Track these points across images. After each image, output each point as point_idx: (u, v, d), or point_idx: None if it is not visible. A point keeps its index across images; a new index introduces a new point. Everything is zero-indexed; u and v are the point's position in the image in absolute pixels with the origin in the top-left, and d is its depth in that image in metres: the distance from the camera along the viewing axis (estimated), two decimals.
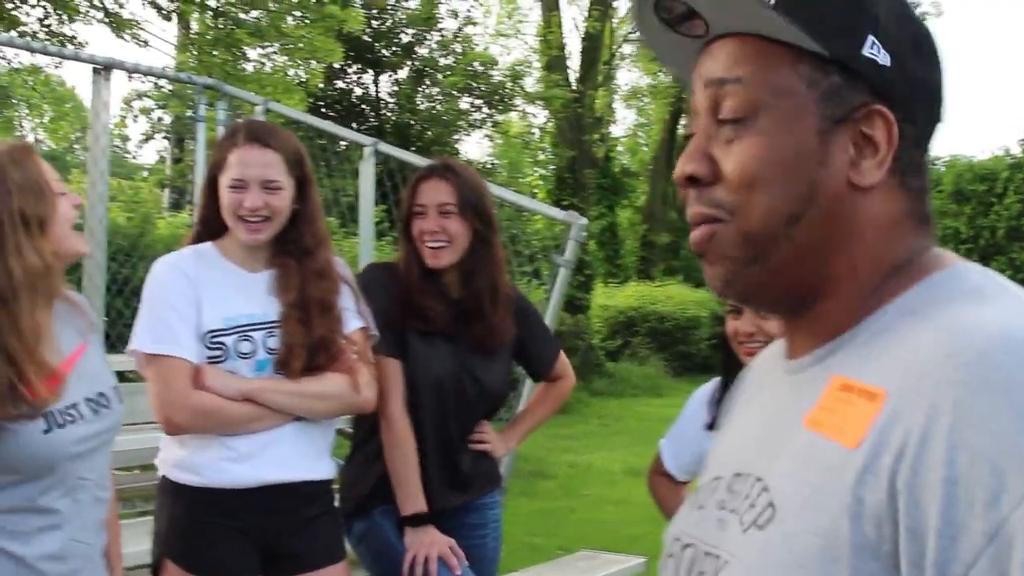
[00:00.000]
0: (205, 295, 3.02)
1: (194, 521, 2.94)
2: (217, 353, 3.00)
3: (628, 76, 51.57)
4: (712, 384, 3.28)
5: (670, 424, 3.46)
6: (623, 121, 50.37)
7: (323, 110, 24.69)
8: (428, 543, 3.30)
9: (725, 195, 1.10)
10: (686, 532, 1.19)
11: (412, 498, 3.34)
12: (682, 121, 31.45)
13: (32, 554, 2.49)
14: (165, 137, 27.25)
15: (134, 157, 36.09)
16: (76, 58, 6.51)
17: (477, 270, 3.44)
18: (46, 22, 15.49)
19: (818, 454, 1.00)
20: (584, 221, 5.12)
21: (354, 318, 3.18)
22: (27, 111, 33.03)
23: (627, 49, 31.86)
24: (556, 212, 5.36)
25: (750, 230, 1.09)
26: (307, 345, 3.04)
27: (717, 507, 1.14)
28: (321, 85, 21.39)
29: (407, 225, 3.45)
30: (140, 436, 4.28)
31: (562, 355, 3.82)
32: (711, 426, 3.12)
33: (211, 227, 3.16)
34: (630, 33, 30.38)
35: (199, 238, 3.19)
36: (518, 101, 29.64)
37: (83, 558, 2.56)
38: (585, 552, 6.10)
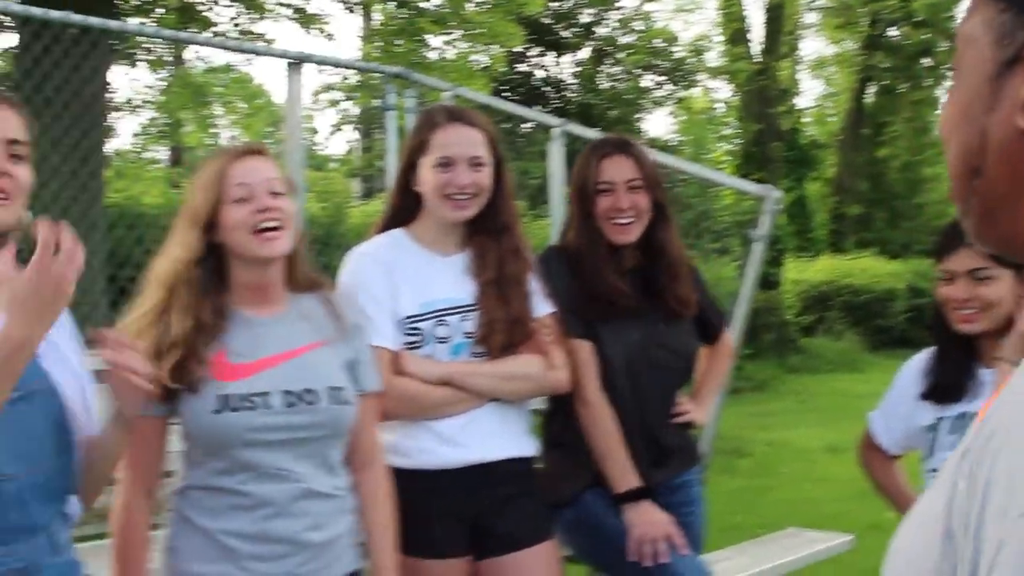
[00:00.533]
0: (401, 281, 3.07)
1: (406, 502, 2.98)
2: (415, 339, 3.05)
3: (813, 45, 50.46)
4: (924, 355, 3.18)
5: (869, 399, 3.37)
6: (809, 92, 49.25)
7: (505, 94, 24.83)
8: (650, 522, 3.29)
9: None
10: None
11: (624, 474, 3.33)
12: (868, 89, 30.60)
13: (220, 528, 2.59)
14: (354, 127, 27.80)
15: (323, 148, 36.91)
16: (270, 53, 6.68)
17: (660, 242, 3.42)
18: (237, 21, 15.95)
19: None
20: (778, 194, 5.02)
21: (543, 302, 3.19)
22: (222, 109, 34.11)
23: (811, 18, 31.15)
24: (750, 186, 5.27)
25: (953, 186, 1.08)
26: (506, 321, 3.08)
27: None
28: (503, 69, 21.47)
29: (588, 202, 3.43)
30: None
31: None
32: (926, 396, 3.04)
33: (402, 214, 3.21)
34: (811, 1, 29.69)
35: (388, 225, 3.23)
36: (701, 76, 29.28)
37: (289, 543, 2.61)
38: (791, 530, 5.98)
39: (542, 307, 3.21)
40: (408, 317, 3.06)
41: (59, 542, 2.28)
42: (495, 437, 3.12)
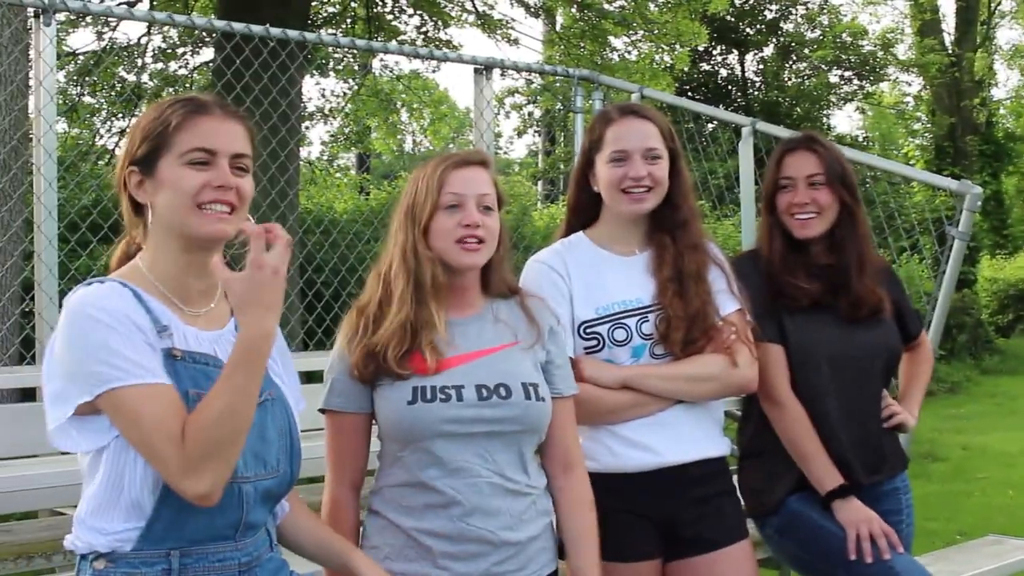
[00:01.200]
0: (577, 287, 3.09)
1: (598, 508, 2.95)
2: (593, 343, 3.06)
3: (1009, 34, 48.64)
4: None
5: None
6: (1005, 83, 47.52)
7: (689, 93, 24.66)
8: (865, 518, 3.24)
9: None
10: None
11: (829, 472, 3.30)
12: None
13: (417, 527, 2.63)
14: (536, 131, 27.99)
15: (506, 152, 37.27)
16: (458, 60, 6.77)
17: (844, 241, 3.38)
18: (423, 29, 16.25)
19: None
20: (978, 190, 4.85)
21: (729, 300, 3.16)
22: (408, 115, 34.76)
23: (1007, 5, 30.05)
24: (947, 182, 5.11)
25: None
26: (686, 319, 3.06)
27: None
28: (686, 69, 21.34)
29: (772, 198, 3.44)
30: None
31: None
32: None
33: (583, 215, 3.24)
34: None
35: (570, 227, 3.26)
36: (890, 70, 28.56)
37: (482, 542, 2.63)
38: (993, 536, 5.78)
39: (728, 304, 3.16)
40: (585, 322, 3.07)
41: (273, 539, 2.39)
42: (683, 439, 3.09)
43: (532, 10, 17.62)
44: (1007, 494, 9.35)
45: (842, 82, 28.03)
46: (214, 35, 10.38)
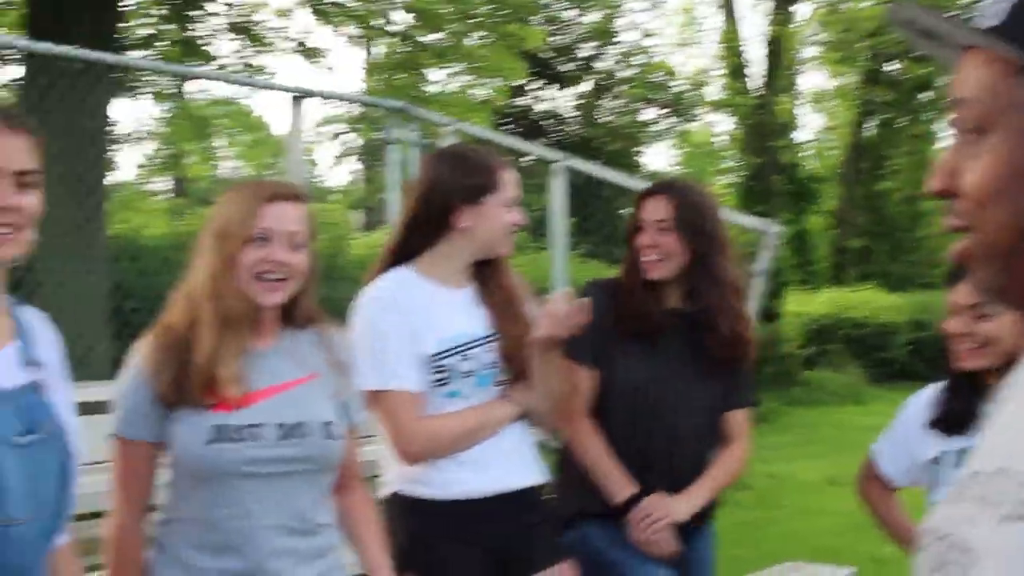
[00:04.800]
0: (419, 321, 3.10)
1: (435, 535, 3.04)
2: (442, 375, 3.09)
3: (813, 79, 50.63)
4: (932, 388, 3.21)
5: (870, 432, 3.39)
6: (809, 126, 49.38)
7: (506, 127, 24.92)
8: (659, 515, 3.35)
9: (964, 208, 1.08)
10: (939, 527, 1.15)
11: (621, 486, 3.39)
12: (868, 123, 30.69)
13: (209, 567, 2.59)
14: (359, 159, 27.91)
15: (323, 181, 37.06)
16: (273, 87, 6.72)
17: (700, 288, 3.47)
18: (239, 54, 16.05)
19: None
20: (778, 229, 5.05)
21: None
22: (225, 141, 34.24)
23: (810, 52, 31.27)
24: (750, 221, 5.30)
25: (989, 243, 1.07)
26: (523, 340, 3.15)
27: (974, 501, 1.10)
28: (503, 103, 21.58)
29: (630, 238, 3.54)
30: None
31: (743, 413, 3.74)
32: (932, 424, 3.07)
33: (408, 249, 3.23)
34: (811, 36, 29.82)
35: (394, 259, 3.26)
36: (701, 110, 29.40)
37: None
38: (790, 563, 5.98)
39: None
40: (433, 355, 3.09)
41: None
42: (518, 464, 3.19)
43: (353, 39, 17.60)
44: (809, 520, 9.64)
45: (655, 120, 28.73)
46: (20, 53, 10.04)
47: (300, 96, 6.22)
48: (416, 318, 3.10)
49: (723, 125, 32.13)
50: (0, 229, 2.09)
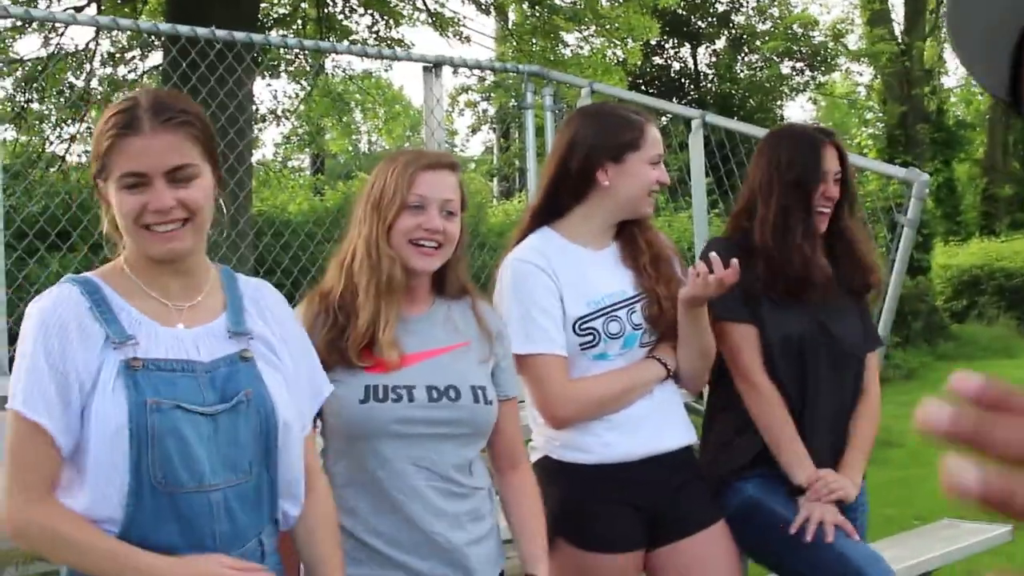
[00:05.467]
0: (565, 284, 3.10)
1: (586, 498, 3.04)
2: (589, 338, 3.09)
3: None
4: None
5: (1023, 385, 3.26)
6: (956, 71, 47.92)
7: (643, 87, 24.72)
8: (823, 509, 3.25)
9: None
10: None
11: (801, 463, 3.30)
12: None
13: (363, 528, 2.63)
14: (491, 128, 27.99)
15: (462, 150, 37.30)
16: (408, 58, 6.76)
17: (843, 231, 3.50)
18: (374, 28, 16.19)
19: None
20: (926, 177, 4.89)
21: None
22: (361, 115, 34.63)
23: None
24: (895, 170, 5.14)
25: None
26: (670, 297, 3.13)
27: None
28: (639, 63, 21.40)
29: (806, 188, 3.41)
30: None
31: None
32: None
33: (552, 211, 3.23)
34: None
35: (537, 223, 3.25)
36: (841, 60, 28.75)
37: (429, 543, 2.64)
38: (947, 520, 5.84)
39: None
40: (580, 318, 3.09)
41: (268, 548, 2.33)
42: (668, 427, 3.16)
43: (483, 7, 17.62)
44: None
45: (794, 73, 28.19)
46: (162, 38, 10.29)
47: (433, 66, 6.25)
48: (562, 280, 3.09)
49: (865, 75, 31.36)
50: (165, 227, 2.19)
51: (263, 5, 14.51)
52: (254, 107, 14.57)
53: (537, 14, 16.30)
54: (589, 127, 3.20)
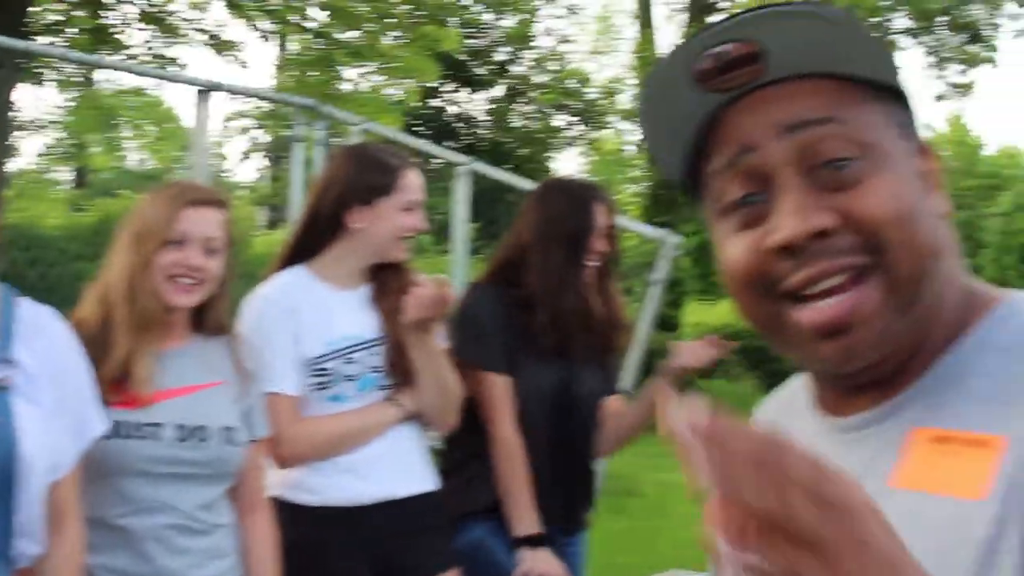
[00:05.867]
0: (306, 323, 3.06)
1: (310, 540, 2.97)
2: (323, 379, 3.04)
3: None
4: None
5: None
6: None
7: (418, 129, 24.90)
8: (544, 560, 3.28)
9: (861, 239, 0.98)
10: None
11: (528, 519, 3.31)
12: None
13: (100, 564, 2.54)
14: (265, 156, 27.68)
15: (232, 175, 36.69)
16: (180, 80, 6.67)
17: (603, 291, 3.53)
18: (150, 44, 15.86)
19: (930, 513, 0.92)
20: (676, 239, 5.13)
21: (440, 337, 3.20)
22: (132, 131, 33.68)
23: None
24: (648, 230, 5.37)
25: (909, 269, 0.98)
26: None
27: None
28: (416, 104, 21.56)
29: (581, 247, 3.45)
30: None
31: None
32: None
33: (306, 249, 3.20)
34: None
35: (291, 258, 3.23)
36: (612, 118, 29.62)
37: None
38: (676, 572, 6.05)
39: (439, 339, 3.20)
40: (315, 358, 3.05)
41: None
42: (404, 471, 3.12)
43: (264, 34, 17.46)
44: (698, 529, 9.75)
45: (567, 126, 28.87)
46: None
47: (207, 89, 6.18)
48: (302, 320, 3.06)
49: (634, 134, 32.37)
50: None
51: (33, 9, 14.00)
52: (14, 114, 14.01)
53: (318, 46, 16.26)
54: (344, 168, 3.19)
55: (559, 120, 28.73)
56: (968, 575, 0.87)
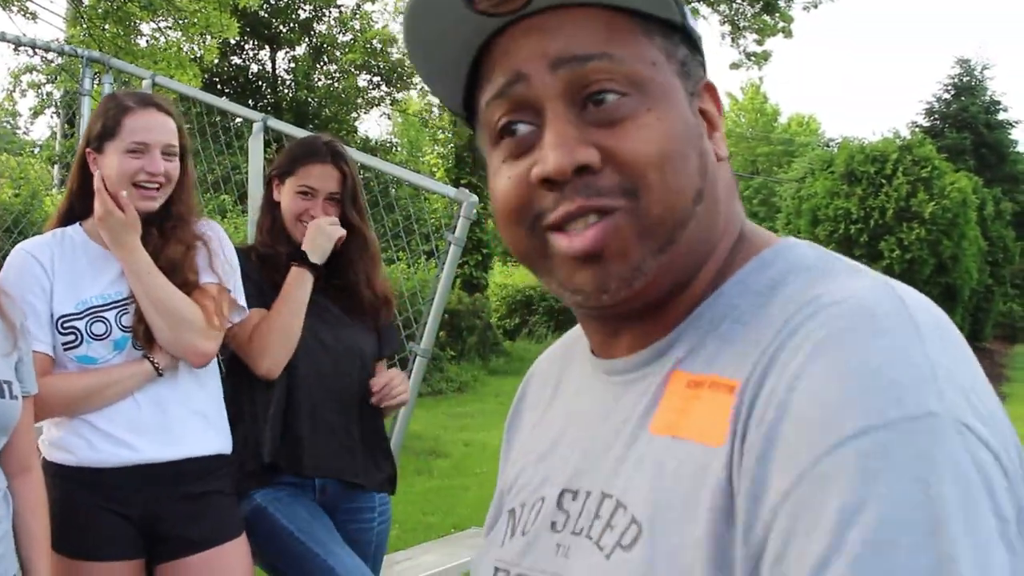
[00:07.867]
0: (59, 281, 2.96)
1: (71, 503, 2.87)
2: (71, 338, 2.94)
3: None
4: None
5: None
6: None
7: (219, 87, 24.34)
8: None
9: (621, 180, 0.96)
10: (513, 562, 1.09)
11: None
12: None
13: None
14: (56, 112, 26.64)
15: (25, 133, 35.20)
16: None
17: (352, 260, 3.50)
18: None
19: (679, 459, 0.92)
20: (475, 199, 5.09)
21: (206, 274, 3.09)
22: None
23: None
24: (448, 190, 5.32)
25: (661, 213, 0.97)
26: None
27: (550, 530, 1.05)
28: (217, 61, 21.06)
29: (294, 203, 3.45)
30: None
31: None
32: None
33: (84, 203, 3.08)
34: None
35: (69, 216, 3.10)
36: (417, 79, 29.50)
37: None
38: (475, 529, 6.11)
39: (204, 278, 3.09)
40: (63, 316, 2.94)
41: None
42: (170, 435, 3.00)
43: None
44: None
45: (371, 87, 28.65)
46: None
47: None
48: (58, 278, 2.96)
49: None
50: None
51: None
52: None
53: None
54: (94, 117, 3.08)
55: (363, 80, 28.47)
56: (709, 523, 0.86)
